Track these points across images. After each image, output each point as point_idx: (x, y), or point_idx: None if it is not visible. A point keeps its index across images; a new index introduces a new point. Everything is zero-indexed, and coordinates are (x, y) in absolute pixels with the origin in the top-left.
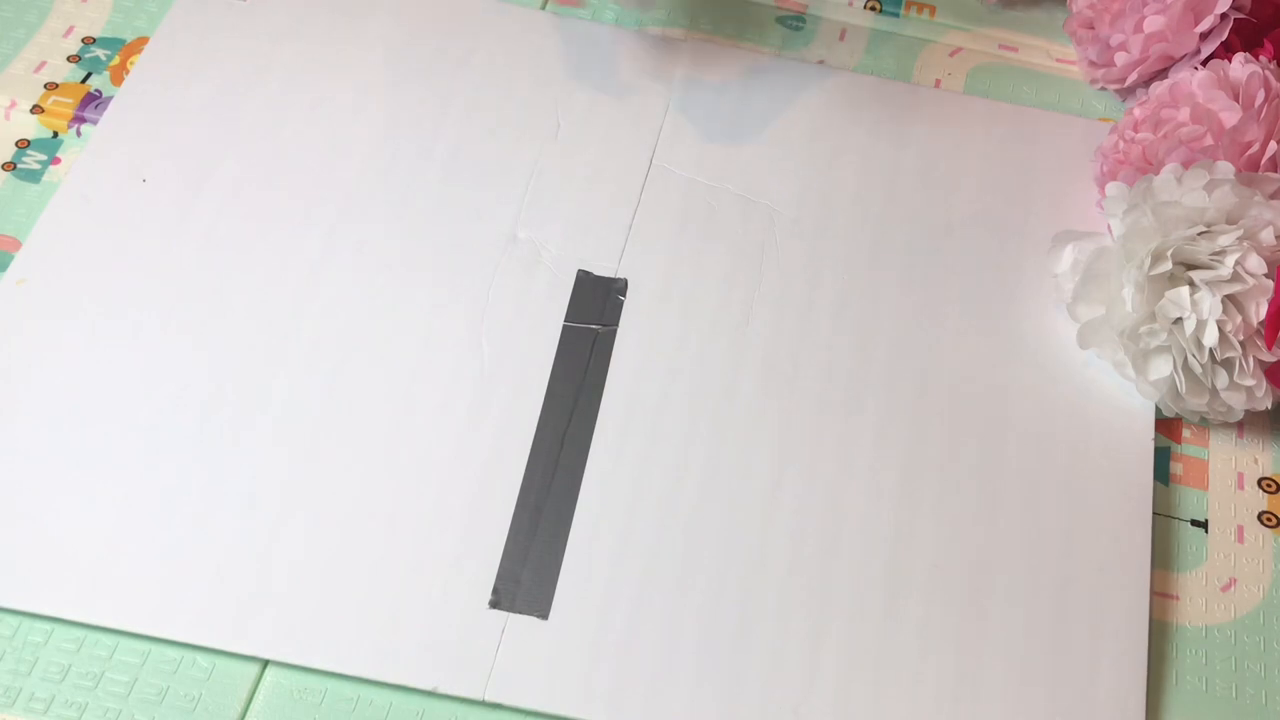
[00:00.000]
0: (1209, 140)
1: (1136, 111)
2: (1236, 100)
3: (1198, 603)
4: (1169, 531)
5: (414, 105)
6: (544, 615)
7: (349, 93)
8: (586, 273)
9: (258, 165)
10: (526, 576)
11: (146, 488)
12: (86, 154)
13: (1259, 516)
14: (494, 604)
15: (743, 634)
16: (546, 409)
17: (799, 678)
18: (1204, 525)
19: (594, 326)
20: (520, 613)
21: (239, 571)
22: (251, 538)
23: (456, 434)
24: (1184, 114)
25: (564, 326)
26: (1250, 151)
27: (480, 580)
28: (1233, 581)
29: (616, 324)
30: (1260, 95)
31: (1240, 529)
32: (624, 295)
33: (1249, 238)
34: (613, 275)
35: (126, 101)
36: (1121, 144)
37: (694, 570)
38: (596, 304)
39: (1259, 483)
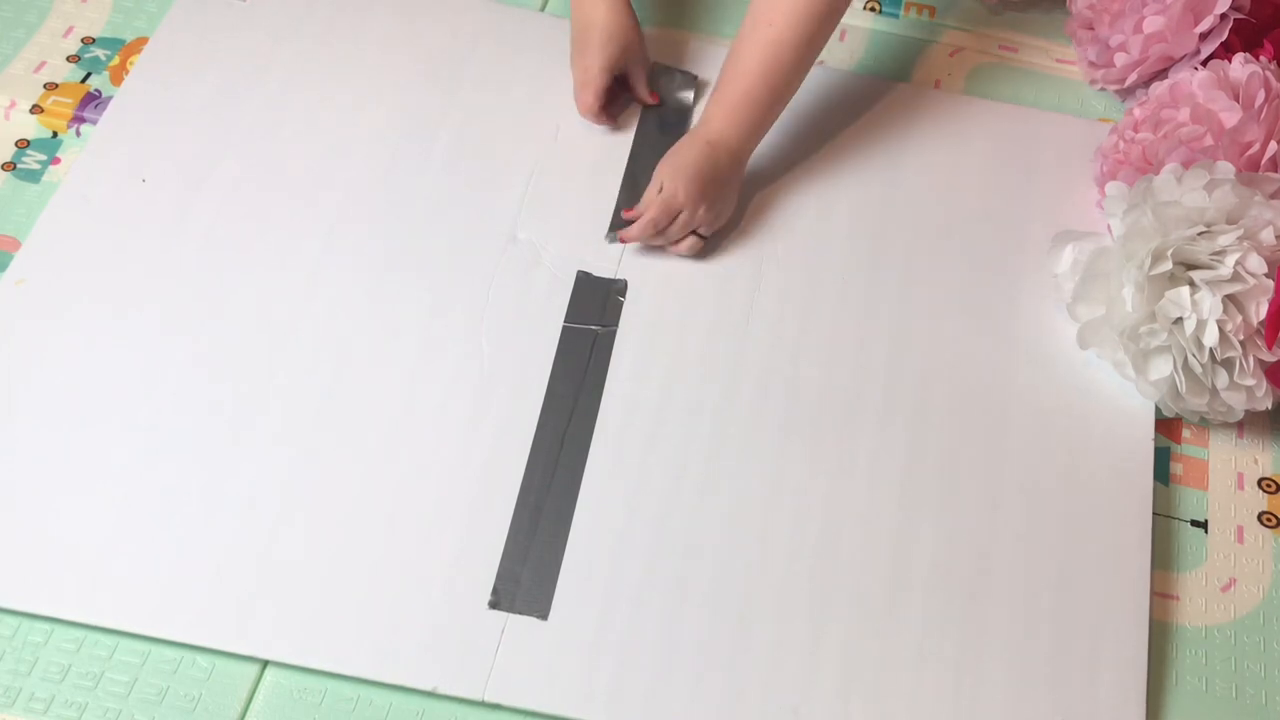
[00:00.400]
0: (1209, 141)
1: (1136, 112)
2: (1236, 100)
3: (1198, 603)
4: (1169, 532)
5: (413, 106)
6: (544, 615)
7: (349, 93)
8: (586, 274)
9: (257, 165)
10: (526, 577)
11: (146, 488)
12: (86, 154)
13: (1259, 516)
14: (494, 604)
15: (743, 634)
16: (546, 409)
17: (799, 678)
18: (1204, 525)
19: (594, 327)
20: (520, 613)
21: (239, 572)
22: (251, 538)
23: (456, 434)
24: (1184, 114)
25: (564, 327)
26: (1250, 152)
27: (480, 580)
28: (1233, 582)
29: (616, 325)
30: (1260, 95)
31: (1240, 529)
32: (624, 296)
33: (1249, 237)
34: (613, 276)
35: (126, 101)
36: (1121, 144)
37: (694, 570)
38: (596, 305)
39: (1259, 483)
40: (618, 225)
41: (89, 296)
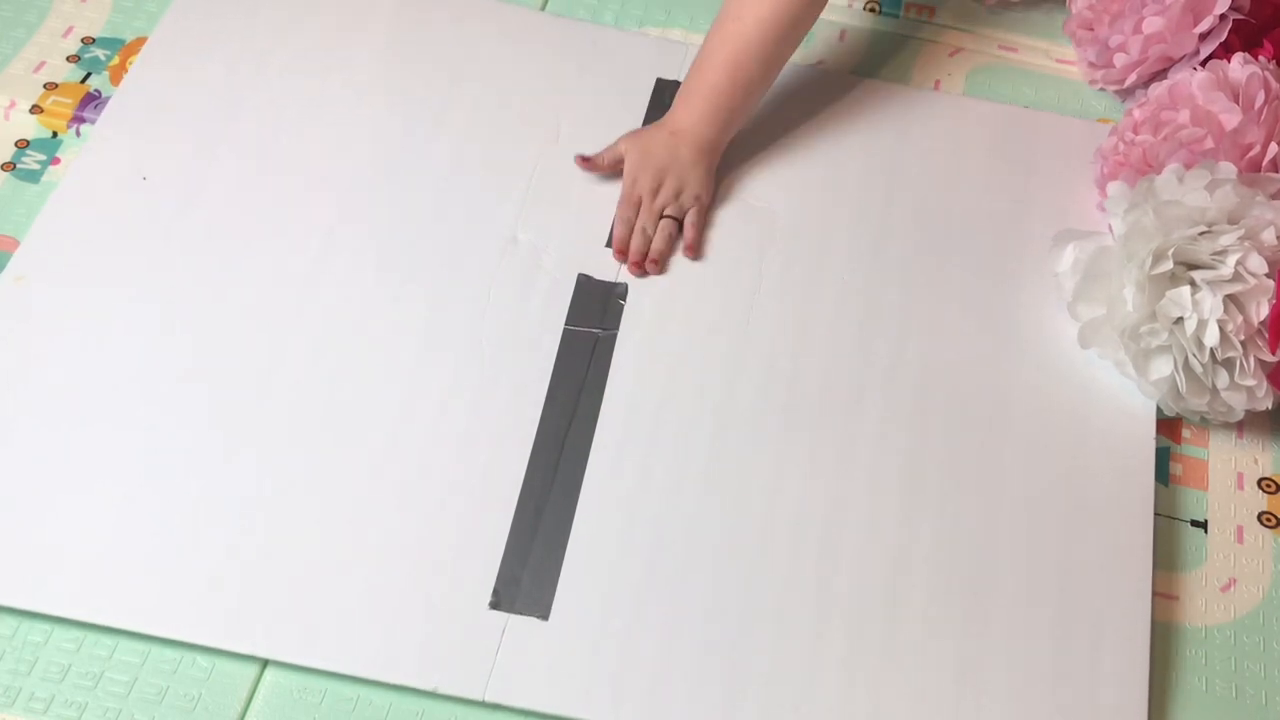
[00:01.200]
0: (1209, 143)
1: (1136, 113)
2: (1236, 102)
3: (1197, 603)
4: (1169, 532)
5: (413, 107)
6: (544, 616)
7: (348, 94)
8: (587, 277)
9: (256, 166)
10: (527, 578)
11: (146, 487)
12: (85, 153)
13: (1259, 517)
14: (494, 605)
15: (743, 634)
16: (547, 412)
17: (800, 678)
18: (1204, 525)
19: (595, 330)
20: (521, 614)
21: (239, 571)
22: (251, 538)
23: (457, 435)
24: (1184, 116)
25: (564, 330)
26: (1251, 154)
27: (481, 581)
28: (1232, 582)
29: (617, 328)
30: (1260, 97)
31: (1240, 529)
32: (624, 299)
33: (1250, 237)
34: (613, 280)
35: (125, 100)
36: (1121, 146)
37: (694, 571)
38: (597, 308)
39: (1259, 483)
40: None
41: (87, 297)
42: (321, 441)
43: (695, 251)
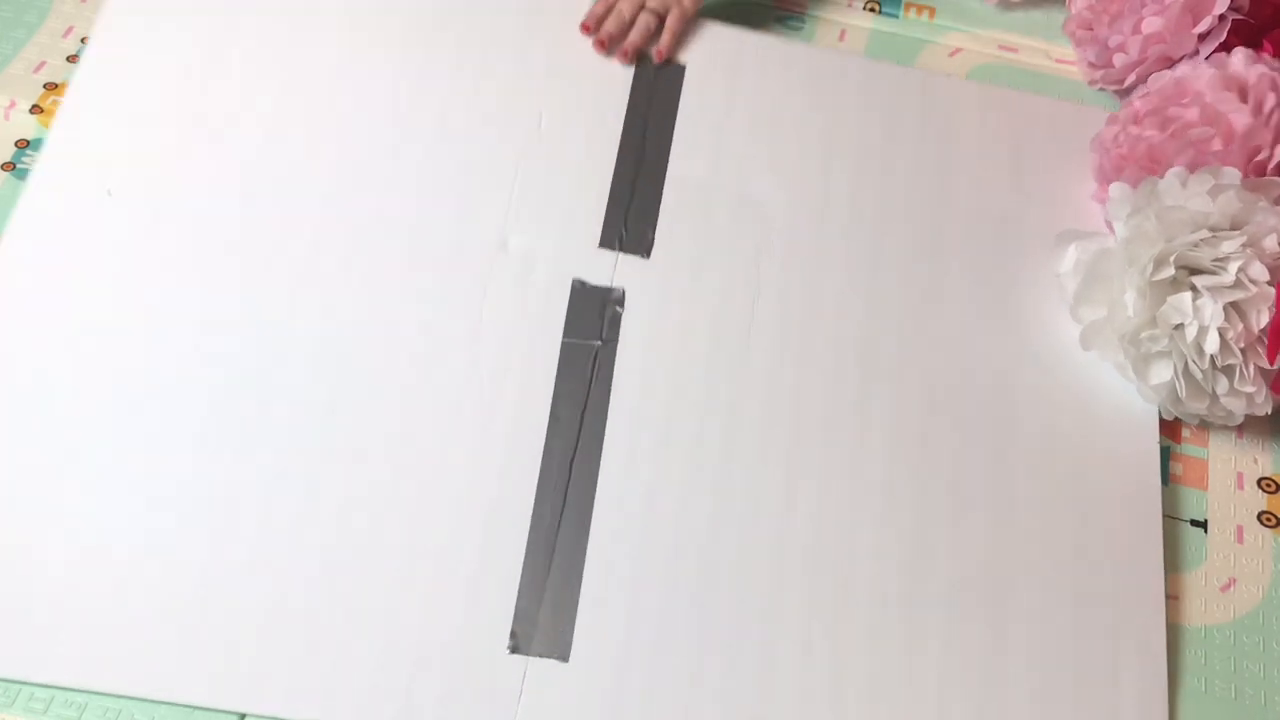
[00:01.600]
0: (1218, 144)
1: (1138, 103)
2: (1244, 101)
3: (1197, 603)
4: (1169, 531)
5: (383, 101)
6: (564, 657)
7: (314, 89)
8: (582, 282)
9: (232, 174)
10: (544, 617)
11: (135, 532)
12: (43, 161)
13: (1259, 516)
14: (513, 648)
15: (765, 662)
16: (551, 436)
17: (824, 706)
18: (1204, 525)
19: (594, 342)
20: (540, 655)
21: (247, 625)
22: (254, 593)
23: (460, 468)
24: (1192, 114)
25: (562, 343)
26: (1258, 157)
27: (497, 624)
28: (1232, 581)
29: (616, 338)
30: (1270, 99)
31: (1240, 529)
32: (622, 306)
33: (1252, 244)
34: (608, 284)
35: (77, 103)
36: (1123, 137)
37: (711, 597)
38: (594, 317)
39: (1258, 483)
40: (610, 239)
41: (67, 329)
42: (319, 486)
43: (664, 55)
